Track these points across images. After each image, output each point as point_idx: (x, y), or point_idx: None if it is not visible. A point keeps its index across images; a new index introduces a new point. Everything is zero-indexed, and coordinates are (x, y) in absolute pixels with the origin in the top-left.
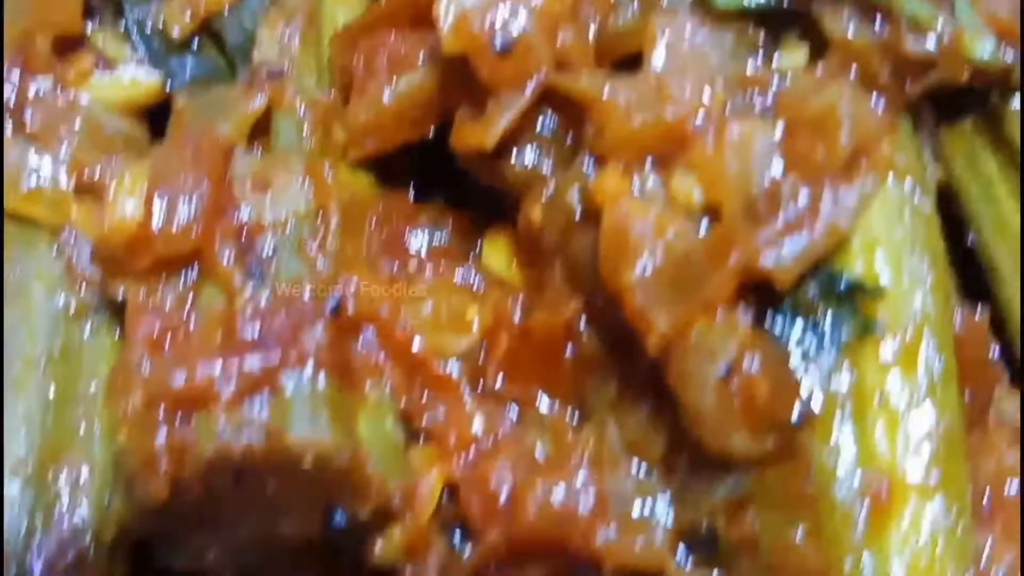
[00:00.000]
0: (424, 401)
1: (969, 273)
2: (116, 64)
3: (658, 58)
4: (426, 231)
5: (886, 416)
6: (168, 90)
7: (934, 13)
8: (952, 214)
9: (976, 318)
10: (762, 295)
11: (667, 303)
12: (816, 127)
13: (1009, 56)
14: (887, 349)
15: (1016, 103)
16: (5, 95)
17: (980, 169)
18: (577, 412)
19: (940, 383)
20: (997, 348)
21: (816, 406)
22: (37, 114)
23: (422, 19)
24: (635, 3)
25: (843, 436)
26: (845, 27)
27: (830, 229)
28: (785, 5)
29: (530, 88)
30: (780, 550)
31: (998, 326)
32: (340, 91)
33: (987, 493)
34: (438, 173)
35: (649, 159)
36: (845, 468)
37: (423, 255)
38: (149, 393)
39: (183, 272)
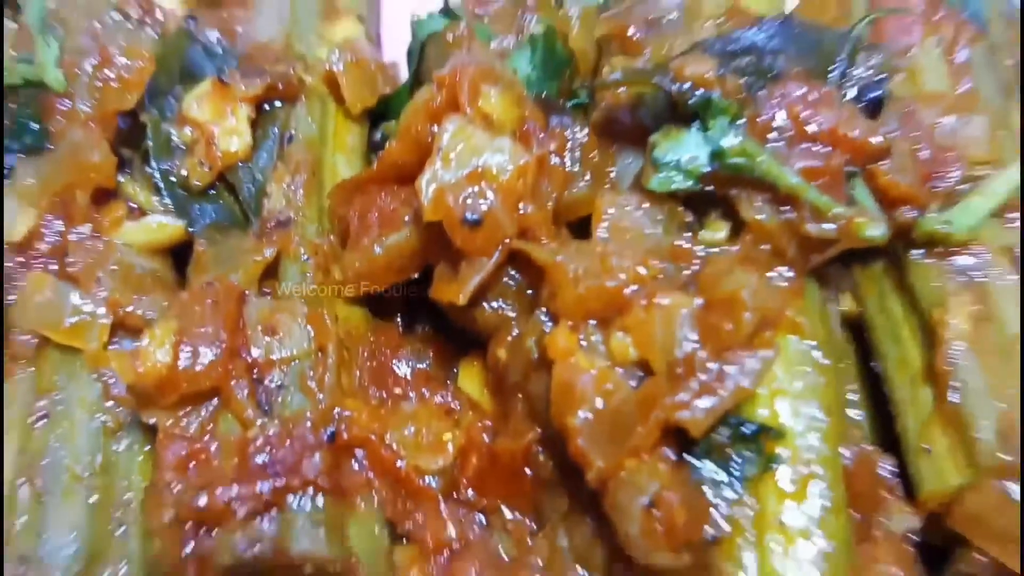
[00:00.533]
0: (406, 509)
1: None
2: (145, 211)
3: (603, 230)
4: (411, 360)
5: (783, 539)
6: (190, 231)
7: (831, 203)
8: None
9: (868, 451)
10: (682, 438)
11: (603, 445)
12: (726, 306)
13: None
14: (785, 482)
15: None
16: (49, 241)
17: (888, 308)
18: (534, 522)
19: (830, 510)
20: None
21: (724, 530)
22: (77, 258)
23: (407, 179)
24: (587, 177)
25: (746, 555)
26: (758, 211)
27: (736, 391)
28: (707, 190)
29: (496, 254)
30: None
31: (896, 445)
32: (338, 236)
33: None
34: (422, 305)
35: (592, 320)
36: (744, 569)
37: (408, 378)
38: (177, 511)
39: (204, 405)
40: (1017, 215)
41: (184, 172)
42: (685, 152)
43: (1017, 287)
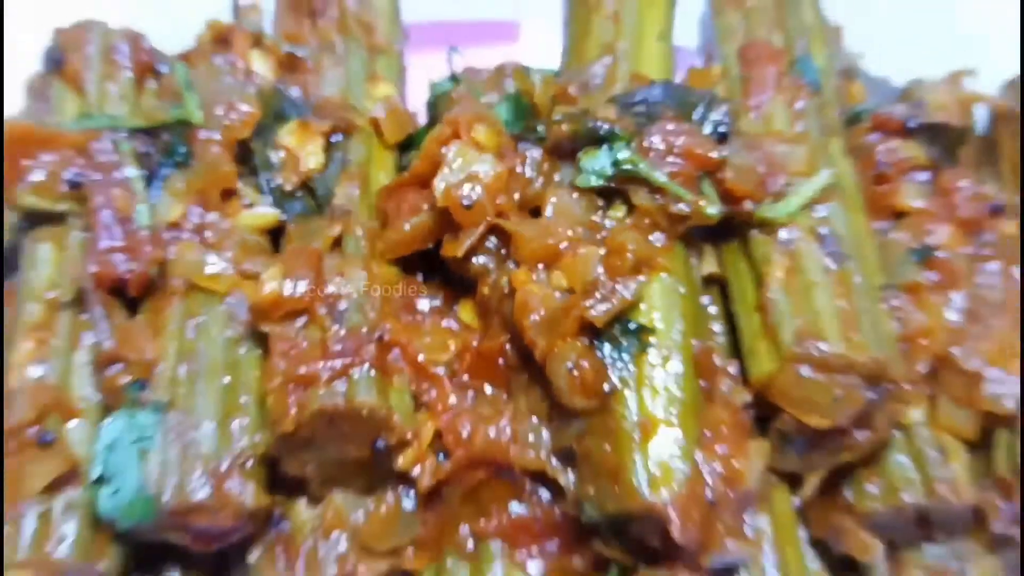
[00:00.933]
0: (424, 387)
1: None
2: (253, 204)
3: (549, 211)
4: (428, 299)
5: (652, 391)
6: (282, 218)
7: (687, 194)
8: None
9: (709, 344)
10: (591, 330)
11: (544, 335)
12: (619, 252)
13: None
14: (654, 358)
15: (755, 232)
16: (193, 222)
17: (738, 267)
18: (505, 392)
19: (682, 375)
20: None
21: (617, 385)
22: (211, 233)
23: (426, 184)
24: (540, 180)
25: (630, 400)
26: (643, 199)
27: (622, 301)
28: (611, 186)
29: (482, 226)
30: (600, 456)
31: (739, 351)
32: (379, 220)
33: (707, 432)
34: (435, 266)
35: (540, 264)
36: (630, 415)
37: (425, 311)
38: (283, 379)
39: (298, 319)
40: (820, 207)
41: (279, 180)
42: (598, 163)
43: (813, 251)
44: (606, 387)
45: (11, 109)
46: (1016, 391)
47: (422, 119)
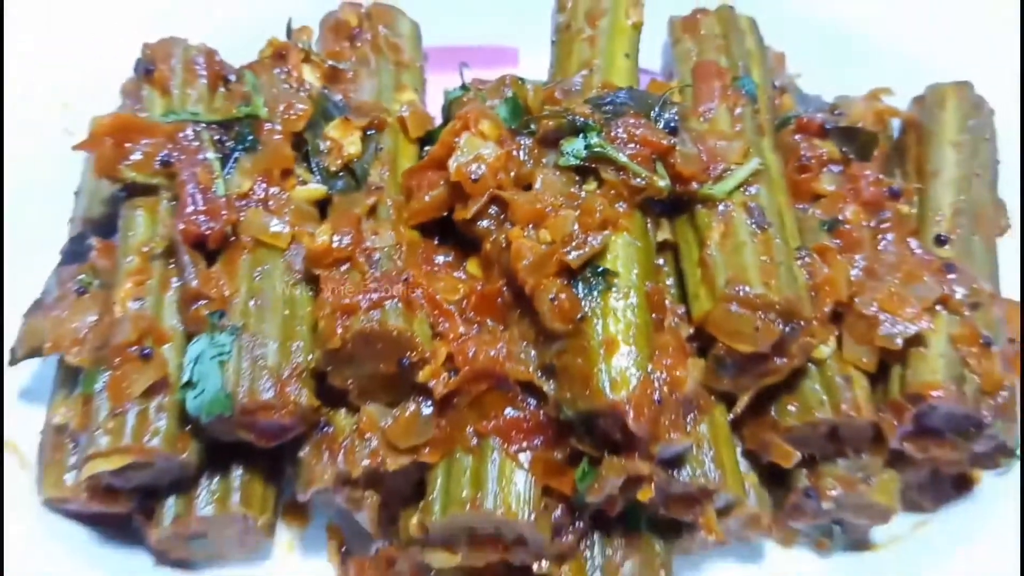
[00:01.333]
0: (439, 320)
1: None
2: (306, 182)
3: (538, 184)
4: (443, 255)
5: (613, 318)
6: (329, 192)
7: (643, 171)
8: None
9: (658, 285)
10: (569, 272)
11: (532, 275)
12: (588, 212)
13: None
14: (616, 294)
15: (699, 207)
16: (259, 194)
17: (686, 235)
18: (502, 324)
19: (637, 306)
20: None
21: (587, 313)
22: (273, 203)
23: (442, 166)
24: (530, 163)
25: (598, 324)
26: (610, 175)
27: (591, 248)
28: (586, 165)
29: (486, 196)
30: (574, 369)
31: (686, 299)
32: (405, 195)
33: (657, 352)
34: (448, 230)
35: (531, 224)
36: (597, 336)
37: (441, 264)
38: (332, 308)
39: (342, 265)
40: (750, 188)
41: (326, 163)
42: (575, 148)
43: (743, 220)
44: (579, 315)
45: (108, 107)
46: (906, 331)
47: (438, 122)
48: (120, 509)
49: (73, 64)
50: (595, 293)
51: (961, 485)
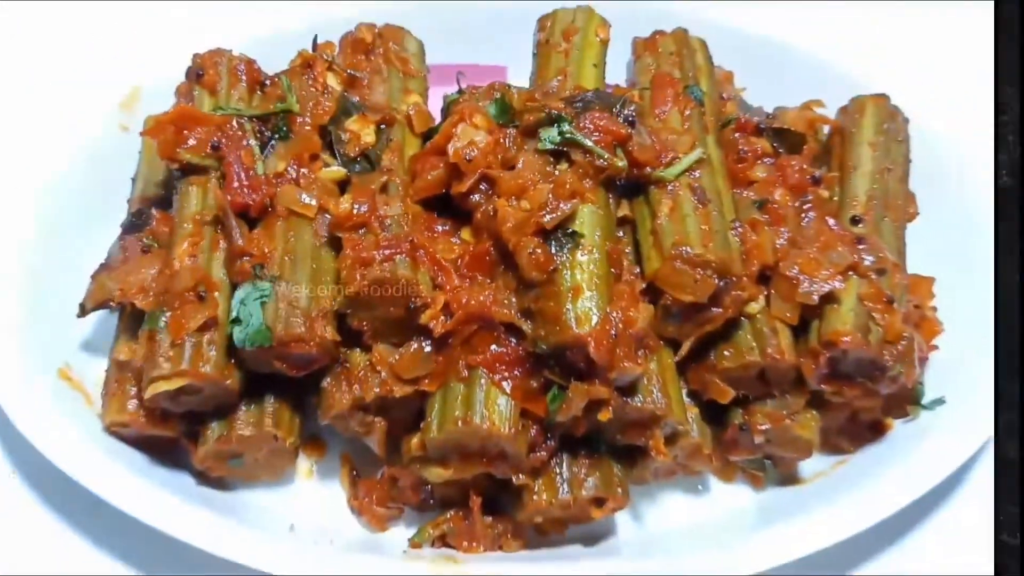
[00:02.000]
0: (439, 273)
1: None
2: (329, 165)
3: (519, 165)
4: (441, 225)
5: (579, 269)
6: (348, 173)
7: (605, 153)
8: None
9: (616, 245)
10: (544, 232)
11: (515, 235)
12: (560, 187)
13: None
14: (582, 252)
15: (652, 188)
16: (291, 174)
17: (641, 211)
18: (489, 278)
19: (598, 260)
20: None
21: (558, 265)
22: (303, 181)
23: (441, 152)
24: (514, 149)
25: (567, 274)
26: (578, 157)
27: (561, 213)
28: (559, 148)
29: (478, 174)
30: (547, 310)
31: (640, 263)
32: (410, 176)
33: (614, 297)
34: (446, 206)
35: (514, 196)
36: (565, 284)
37: (439, 231)
38: (352, 260)
39: (361, 228)
40: (694, 173)
41: (346, 151)
42: (551, 135)
43: (688, 197)
44: (552, 267)
45: (156, 108)
46: (822, 290)
47: (438, 118)
48: (170, 433)
49: (128, 73)
50: (565, 250)
51: (876, 430)
